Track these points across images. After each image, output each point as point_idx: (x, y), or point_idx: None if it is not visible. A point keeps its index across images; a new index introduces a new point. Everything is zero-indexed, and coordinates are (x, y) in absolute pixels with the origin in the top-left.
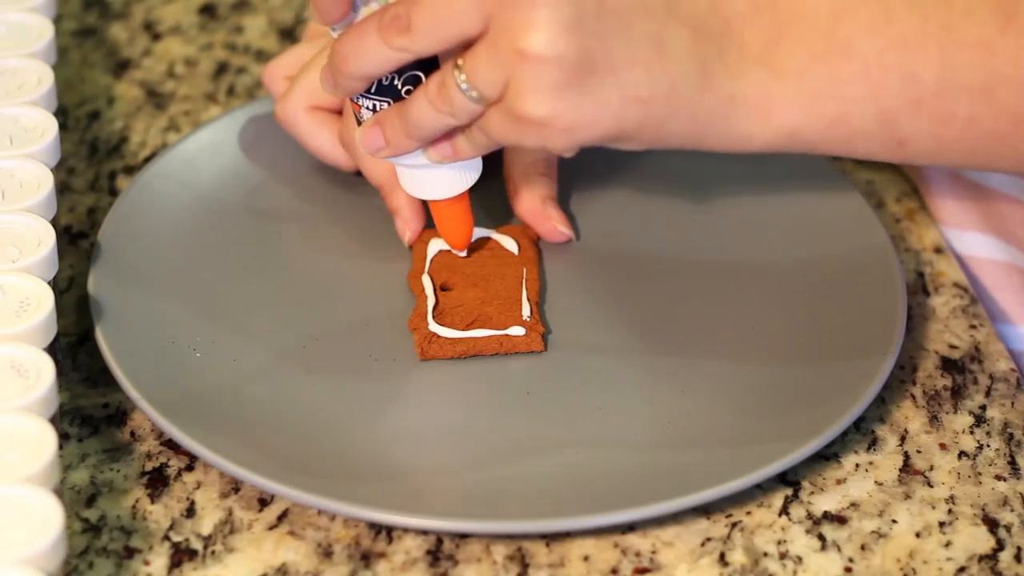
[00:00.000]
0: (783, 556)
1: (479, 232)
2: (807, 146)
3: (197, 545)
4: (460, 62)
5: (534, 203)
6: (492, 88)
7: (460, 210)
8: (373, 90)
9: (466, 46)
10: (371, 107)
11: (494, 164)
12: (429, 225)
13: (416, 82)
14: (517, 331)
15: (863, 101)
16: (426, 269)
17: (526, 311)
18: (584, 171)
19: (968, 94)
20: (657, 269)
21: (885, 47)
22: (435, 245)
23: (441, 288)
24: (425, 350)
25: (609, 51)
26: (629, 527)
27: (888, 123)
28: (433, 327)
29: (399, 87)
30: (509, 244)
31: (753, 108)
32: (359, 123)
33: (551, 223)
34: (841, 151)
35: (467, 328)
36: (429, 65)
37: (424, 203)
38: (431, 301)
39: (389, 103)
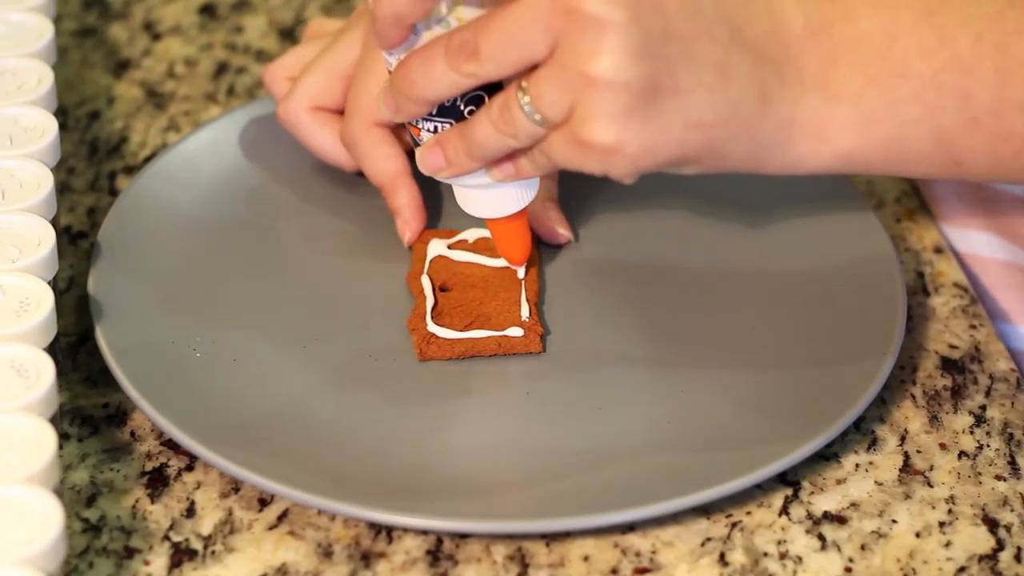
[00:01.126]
0: (783, 556)
1: (479, 232)
2: (863, 167)
3: (197, 545)
4: (525, 84)
5: (534, 204)
6: (556, 112)
7: (519, 227)
8: (435, 112)
9: (531, 68)
10: (432, 128)
11: None
12: (429, 226)
13: (479, 102)
14: (516, 332)
15: (919, 122)
16: (425, 270)
17: (525, 312)
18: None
19: None
20: (657, 270)
21: (940, 68)
22: (434, 246)
23: (440, 289)
24: (424, 351)
25: (674, 76)
26: (629, 527)
27: (944, 143)
28: (432, 328)
29: (461, 108)
30: None
31: (810, 132)
32: (416, 144)
33: (550, 224)
34: (898, 171)
35: (465, 329)
36: (492, 86)
37: (424, 204)
38: (430, 302)
39: (451, 124)
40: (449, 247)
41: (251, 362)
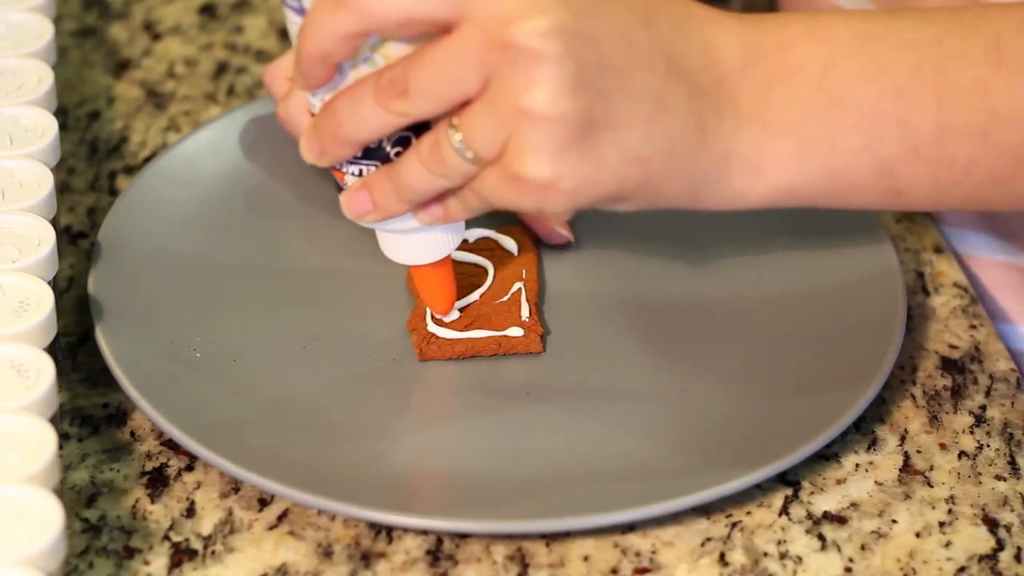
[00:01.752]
0: (783, 556)
1: (479, 232)
2: (804, 200)
3: (197, 545)
4: (455, 121)
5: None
6: (489, 148)
7: (443, 274)
8: (360, 155)
9: (462, 105)
10: (356, 172)
11: None
12: None
13: (406, 143)
14: (516, 332)
15: (859, 152)
16: None
17: (525, 312)
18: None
19: (966, 137)
20: (657, 270)
21: (879, 96)
22: None
23: None
24: (424, 351)
25: (610, 109)
26: (629, 527)
27: (885, 174)
28: (432, 328)
29: (388, 150)
30: (509, 244)
31: (748, 164)
32: (339, 189)
33: (549, 224)
34: (839, 204)
35: (465, 329)
36: (419, 126)
37: None
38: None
39: (377, 166)
40: None
41: (251, 362)
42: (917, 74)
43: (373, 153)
